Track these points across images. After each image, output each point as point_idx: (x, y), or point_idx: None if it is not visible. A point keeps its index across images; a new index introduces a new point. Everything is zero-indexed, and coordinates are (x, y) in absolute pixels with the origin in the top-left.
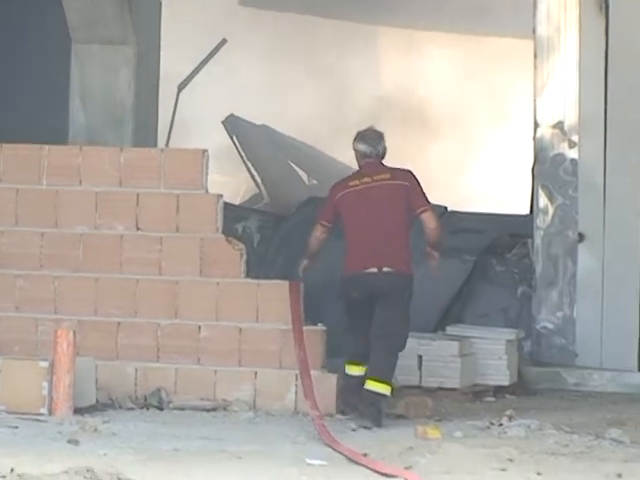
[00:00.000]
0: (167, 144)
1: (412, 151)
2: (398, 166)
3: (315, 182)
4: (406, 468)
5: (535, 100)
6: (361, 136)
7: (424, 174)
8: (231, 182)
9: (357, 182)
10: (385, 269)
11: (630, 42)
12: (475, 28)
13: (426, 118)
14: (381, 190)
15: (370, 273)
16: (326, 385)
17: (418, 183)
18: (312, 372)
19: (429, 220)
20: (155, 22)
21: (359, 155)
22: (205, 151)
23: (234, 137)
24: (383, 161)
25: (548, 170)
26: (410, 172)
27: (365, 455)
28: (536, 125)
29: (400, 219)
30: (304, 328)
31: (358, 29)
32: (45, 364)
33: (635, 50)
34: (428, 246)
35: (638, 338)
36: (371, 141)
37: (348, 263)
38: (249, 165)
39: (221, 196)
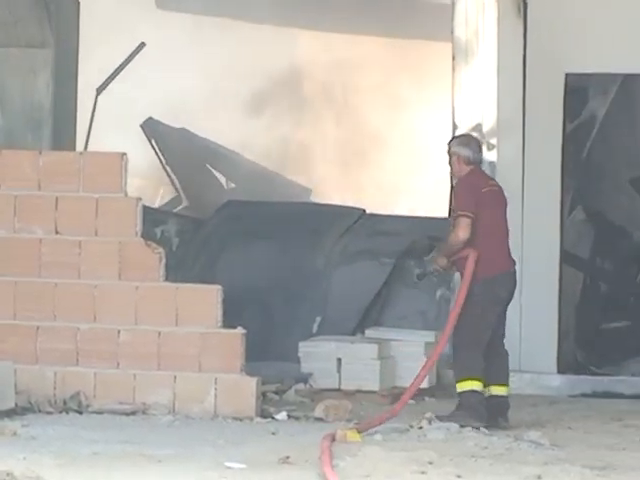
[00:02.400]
0: (86, 147)
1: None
2: None
3: (233, 185)
4: None
5: (454, 103)
6: (465, 142)
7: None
8: (150, 186)
9: (490, 182)
10: (513, 269)
11: (548, 45)
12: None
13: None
14: (501, 194)
15: (512, 272)
16: (246, 388)
17: None
18: (231, 375)
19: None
20: (74, 25)
21: (458, 159)
22: (124, 155)
23: (152, 140)
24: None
25: None
26: None
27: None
28: (455, 127)
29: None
30: (224, 331)
31: (278, 32)
32: None
33: (553, 53)
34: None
35: (557, 340)
36: (476, 147)
37: (491, 262)
38: (168, 169)
39: (140, 199)
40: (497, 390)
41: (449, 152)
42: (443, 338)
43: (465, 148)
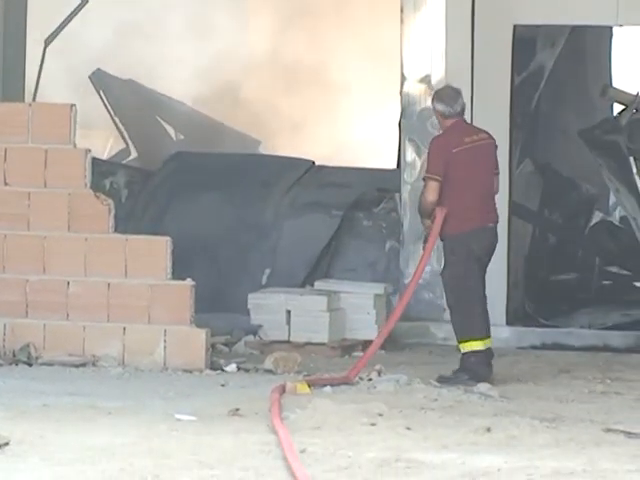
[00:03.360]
0: (34, 98)
1: (281, 105)
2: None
3: (182, 137)
4: None
5: (402, 54)
6: (439, 96)
7: (293, 129)
8: (98, 137)
9: (467, 139)
10: (491, 224)
11: None
12: None
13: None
14: (485, 149)
15: (490, 228)
16: (196, 340)
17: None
18: (180, 327)
19: (497, 183)
20: None
21: (439, 116)
22: (73, 105)
23: (101, 92)
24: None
25: (415, 124)
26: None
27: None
28: (403, 79)
29: (493, 177)
30: (174, 283)
31: None
32: None
33: (501, 4)
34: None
35: (506, 292)
36: (449, 100)
37: (466, 219)
38: (116, 120)
39: (89, 151)
40: (489, 342)
41: (433, 108)
42: (406, 296)
43: (439, 103)
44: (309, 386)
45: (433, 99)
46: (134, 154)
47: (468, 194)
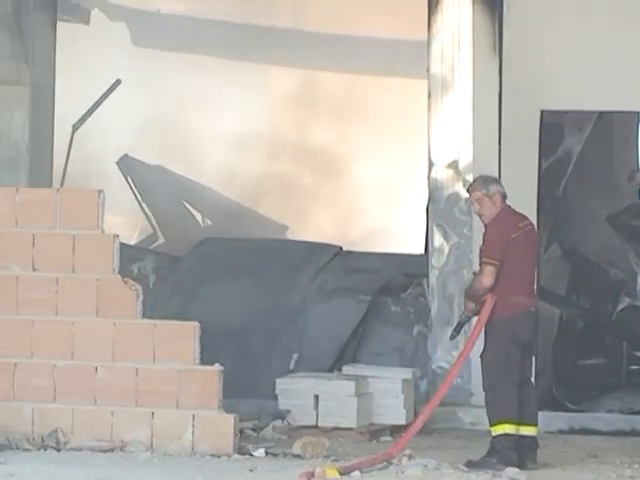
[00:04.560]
0: (62, 184)
1: (306, 190)
2: None
3: (210, 222)
4: None
5: (429, 139)
6: (493, 179)
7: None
8: (126, 222)
9: (520, 224)
10: (533, 309)
11: (523, 81)
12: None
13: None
14: (532, 234)
15: (532, 312)
16: (224, 425)
17: None
18: (209, 412)
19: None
20: (50, 61)
21: (499, 197)
22: (101, 191)
23: (128, 177)
24: None
25: (443, 209)
26: None
27: None
28: (431, 164)
29: (537, 262)
30: (202, 368)
31: (252, 68)
32: None
33: (528, 89)
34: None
35: (534, 376)
36: (500, 183)
37: (513, 304)
38: (144, 205)
39: (117, 236)
40: (525, 430)
41: (480, 196)
42: (449, 378)
43: (497, 185)
44: (339, 471)
45: (489, 182)
46: (162, 240)
47: (518, 279)
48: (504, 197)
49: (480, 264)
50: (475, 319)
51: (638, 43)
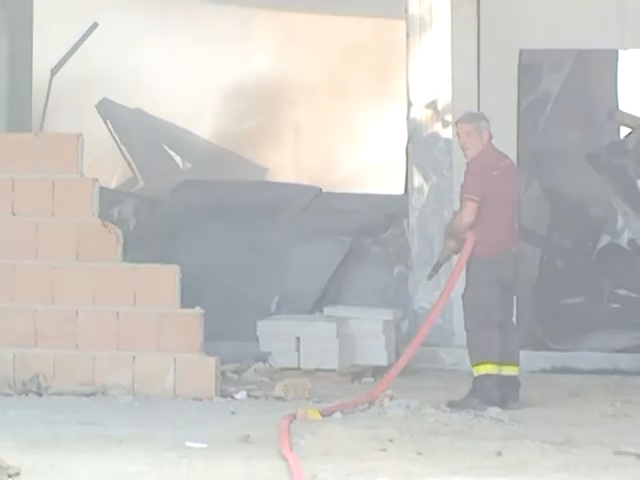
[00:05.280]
0: (41, 128)
1: (285, 131)
2: None
3: (189, 165)
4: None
5: (408, 80)
6: (481, 115)
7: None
8: (106, 166)
9: (502, 163)
10: (514, 249)
11: (501, 21)
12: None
13: (300, 99)
14: (513, 174)
15: (513, 252)
16: (205, 368)
17: None
18: (190, 355)
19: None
20: (28, 8)
21: (487, 134)
22: (80, 135)
23: (107, 121)
24: None
25: (422, 150)
26: None
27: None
28: (409, 105)
29: (519, 201)
30: (183, 311)
31: (233, 12)
32: None
33: (506, 29)
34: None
35: (515, 316)
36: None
37: (494, 243)
38: (123, 149)
39: (97, 180)
40: (507, 370)
41: (469, 128)
42: (430, 318)
43: (484, 120)
44: (320, 413)
45: (479, 118)
46: (141, 183)
47: (499, 218)
48: (491, 136)
49: (460, 200)
50: (455, 258)
51: None
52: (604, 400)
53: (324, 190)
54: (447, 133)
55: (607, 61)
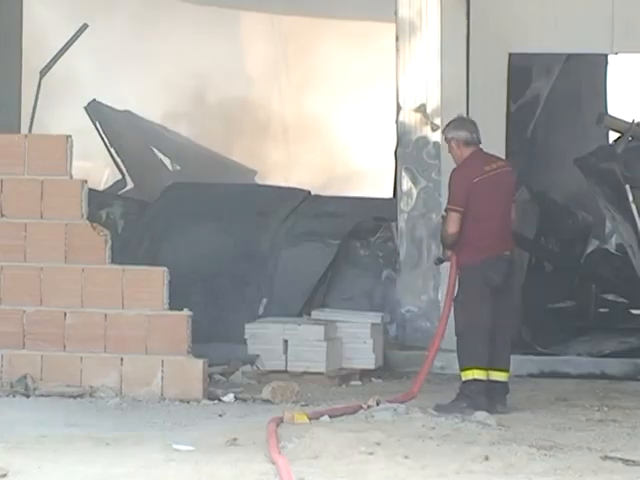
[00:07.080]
0: (30, 130)
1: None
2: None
3: (178, 168)
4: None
5: (397, 83)
6: (460, 124)
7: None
8: (94, 168)
9: (487, 168)
10: (507, 253)
11: (491, 25)
12: (336, 12)
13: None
14: (504, 177)
15: (506, 256)
16: (193, 371)
17: None
18: (178, 358)
19: (514, 212)
20: (17, 9)
21: (460, 143)
22: (69, 137)
23: (97, 123)
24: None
25: (411, 153)
26: None
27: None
28: (398, 108)
29: (511, 205)
30: (170, 313)
31: (221, 14)
32: None
33: (496, 33)
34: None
35: None
36: (471, 127)
37: (483, 249)
38: (112, 151)
39: (85, 182)
40: (496, 375)
41: (446, 139)
42: (438, 334)
43: (461, 130)
44: (308, 417)
45: (450, 127)
46: (130, 185)
47: (487, 224)
48: (467, 143)
49: (445, 210)
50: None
51: None
52: (591, 405)
53: (313, 193)
54: (436, 137)
55: (596, 65)
